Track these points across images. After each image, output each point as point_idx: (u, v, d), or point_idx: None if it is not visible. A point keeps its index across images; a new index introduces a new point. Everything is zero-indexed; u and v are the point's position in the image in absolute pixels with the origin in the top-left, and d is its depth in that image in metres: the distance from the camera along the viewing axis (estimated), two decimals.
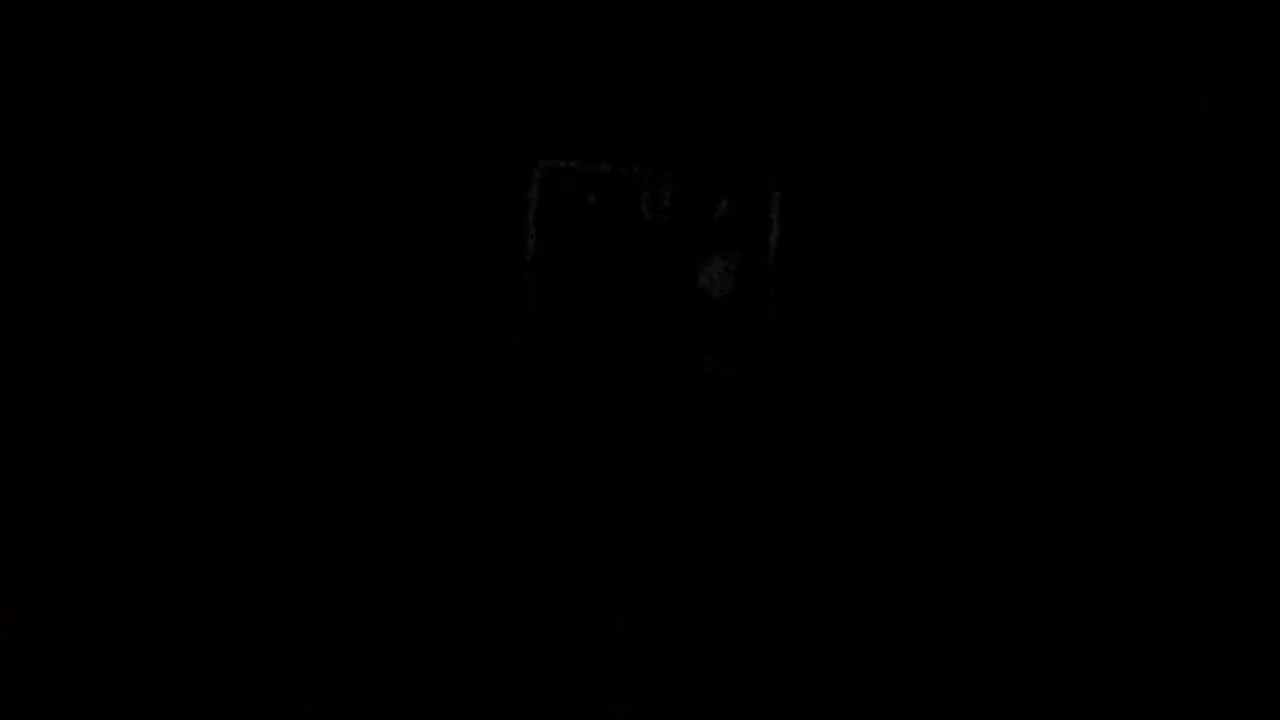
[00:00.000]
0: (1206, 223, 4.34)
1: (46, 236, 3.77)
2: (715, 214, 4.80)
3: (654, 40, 4.59)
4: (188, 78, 3.75)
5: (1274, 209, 4.29)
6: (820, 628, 3.69)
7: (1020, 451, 4.54)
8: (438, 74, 4.37)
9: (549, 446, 4.18)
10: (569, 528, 4.11)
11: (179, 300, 3.88)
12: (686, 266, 4.69)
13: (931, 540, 4.47)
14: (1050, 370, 4.56)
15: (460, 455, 4.23)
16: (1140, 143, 4.35)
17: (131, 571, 3.43)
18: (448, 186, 4.51)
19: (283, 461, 3.95)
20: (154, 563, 3.51)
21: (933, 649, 3.54)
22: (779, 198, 4.81)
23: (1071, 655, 3.52)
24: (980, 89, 4.35)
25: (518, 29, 4.52)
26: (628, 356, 4.51)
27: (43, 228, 3.77)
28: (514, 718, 2.79)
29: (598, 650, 3.29)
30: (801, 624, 3.76)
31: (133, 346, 3.84)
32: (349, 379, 4.07)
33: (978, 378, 4.67)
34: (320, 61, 3.90)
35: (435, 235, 4.36)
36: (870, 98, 4.69)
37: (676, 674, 3.27)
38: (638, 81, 4.69)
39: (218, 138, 3.79)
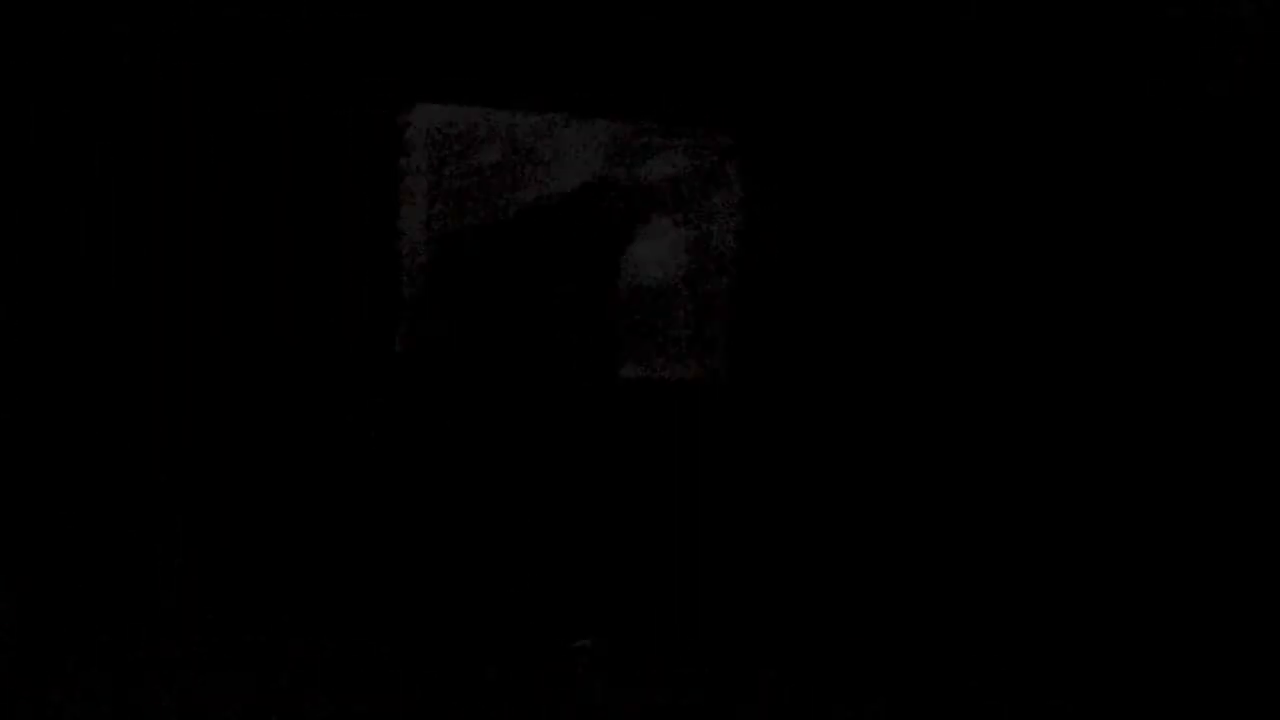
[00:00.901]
0: (1204, 223, 4.45)
1: (46, 236, 4.01)
2: (656, 173, 4.22)
3: None
4: (188, 77, 4.05)
5: (1272, 209, 4.38)
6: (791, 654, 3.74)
7: (1023, 455, 4.61)
8: None
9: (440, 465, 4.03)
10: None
11: (179, 300, 4.15)
12: (618, 241, 4.07)
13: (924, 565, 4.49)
14: (1054, 382, 4.59)
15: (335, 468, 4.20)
16: (1136, 142, 4.44)
17: (131, 571, 3.60)
18: (302, 138, 4.02)
19: (283, 461, 4.20)
20: (154, 563, 3.70)
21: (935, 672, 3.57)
22: (739, 154, 4.29)
23: (1077, 685, 3.52)
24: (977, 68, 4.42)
25: None
26: (537, 361, 3.96)
27: (43, 228, 4.00)
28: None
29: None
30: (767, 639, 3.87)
31: (133, 346, 4.10)
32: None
33: (982, 384, 4.60)
34: None
35: (287, 201, 4.06)
36: (861, 28, 4.37)
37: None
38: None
39: (217, 138, 4.11)
